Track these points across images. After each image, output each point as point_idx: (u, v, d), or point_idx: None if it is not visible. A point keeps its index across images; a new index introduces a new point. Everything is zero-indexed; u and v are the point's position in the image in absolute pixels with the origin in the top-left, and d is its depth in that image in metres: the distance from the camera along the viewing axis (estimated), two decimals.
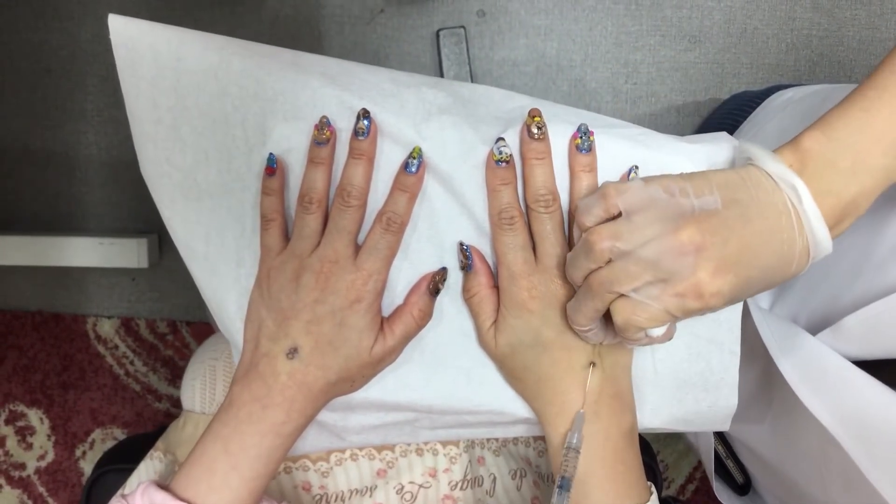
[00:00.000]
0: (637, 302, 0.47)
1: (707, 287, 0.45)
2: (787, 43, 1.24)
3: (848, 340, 0.59)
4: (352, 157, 0.56)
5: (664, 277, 0.46)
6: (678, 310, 0.47)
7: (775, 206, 0.47)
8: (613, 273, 0.48)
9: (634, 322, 0.48)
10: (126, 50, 0.57)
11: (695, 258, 0.45)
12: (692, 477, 1.34)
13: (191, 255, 0.60)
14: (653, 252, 0.46)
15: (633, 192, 0.49)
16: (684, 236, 0.46)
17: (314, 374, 0.55)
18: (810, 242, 0.48)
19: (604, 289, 0.49)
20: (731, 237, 0.46)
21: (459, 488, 0.68)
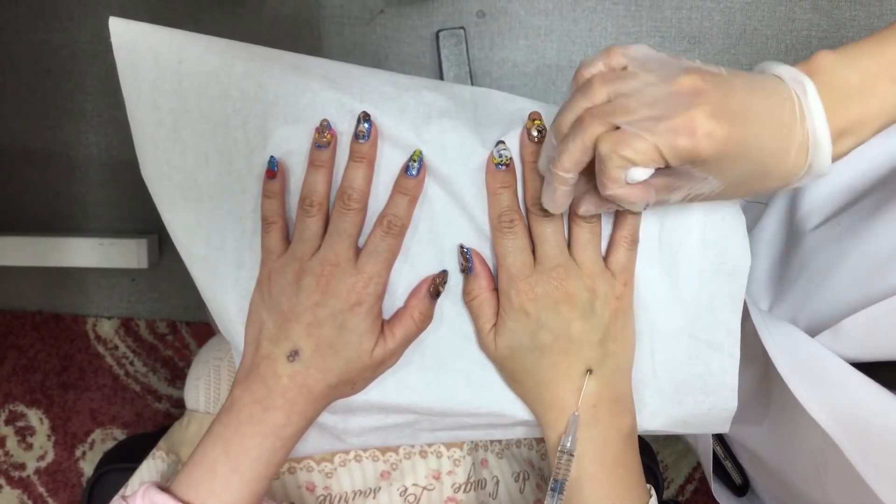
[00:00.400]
0: (628, 132, 0.45)
1: (701, 125, 0.44)
2: (786, 44, 1.24)
3: (847, 342, 0.59)
4: (352, 161, 0.56)
5: (659, 114, 0.45)
6: (667, 146, 0.45)
7: (780, 93, 0.47)
8: (609, 107, 0.46)
9: (621, 151, 0.45)
10: (127, 52, 0.57)
11: (693, 98, 0.44)
12: (691, 477, 1.34)
13: (191, 258, 0.60)
14: (652, 93, 0.45)
15: (639, 48, 0.48)
16: (686, 80, 0.45)
17: (315, 377, 0.55)
18: (810, 139, 0.47)
19: (597, 120, 0.47)
20: (732, 93, 0.45)
21: (463, 491, 0.68)
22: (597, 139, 0.46)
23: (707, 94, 0.45)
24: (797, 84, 0.47)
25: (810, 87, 0.47)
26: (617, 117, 0.46)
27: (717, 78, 0.46)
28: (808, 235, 0.71)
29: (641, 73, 0.46)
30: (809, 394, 0.61)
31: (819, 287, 0.65)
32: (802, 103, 0.46)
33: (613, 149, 0.45)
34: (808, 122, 0.46)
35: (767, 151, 0.47)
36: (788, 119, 0.46)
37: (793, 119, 0.46)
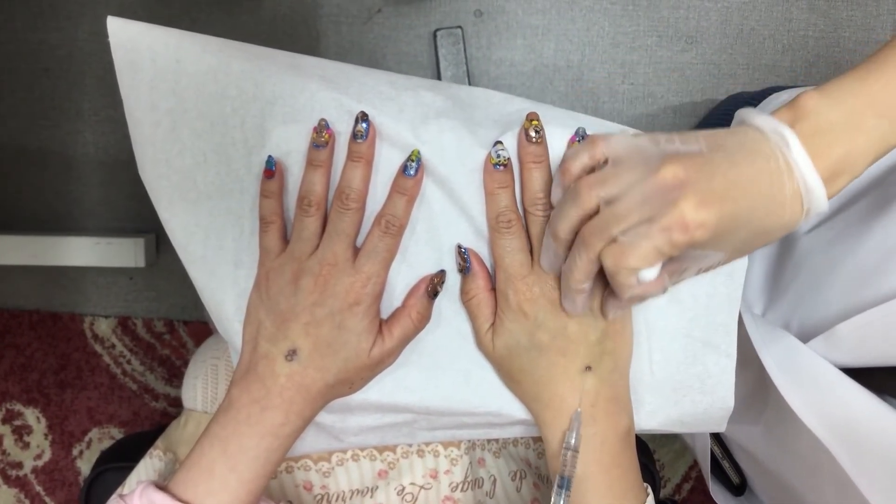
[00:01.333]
0: (626, 243, 0.47)
1: (691, 218, 0.45)
2: (783, 44, 1.24)
3: (839, 348, 0.59)
4: (350, 160, 0.56)
5: (650, 216, 0.46)
6: (666, 245, 0.46)
7: (763, 152, 0.47)
8: (602, 219, 0.48)
9: (625, 263, 0.47)
10: (125, 52, 0.57)
11: (678, 192, 0.45)
12: (688, 476, 1.35)
13: (189, 257, 0.60)
14: (638, 193, 0.46)
15: (619, 140, 0.49)
16: (667, 173, 0.45)
17: (313, 376, 0.55)
18: (801, 188, 0.47)
19: (595, 236, 0.48)
20: (715, 175, 0.46)
21: (460, 490, 0.68)
22: (600, 255, 0.48)
23: (690, 183, 0.45)
24: (778, 137, 0.47)
25: (792, 139, 0.47)
26: (612, 229, 0.47)
27: (696, 160, 0.46)
28: (803, 238, 0.71)
29: (623, 172, 0.47)
30: (802, 401, 0.61)
31: (812, 292, 0.65)
32: (787, 156, 0.47)
33: (618, 263, 0.47)
34: (796, 174, 0.47)
35: (762, 214, 0.47)
36: (776, 177, 0.47)
37: (780, 175, 0.47)
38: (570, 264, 0.51)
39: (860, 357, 0.58)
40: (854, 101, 0.48)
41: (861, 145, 0.48)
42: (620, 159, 0.48)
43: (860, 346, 0.57)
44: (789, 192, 0.47)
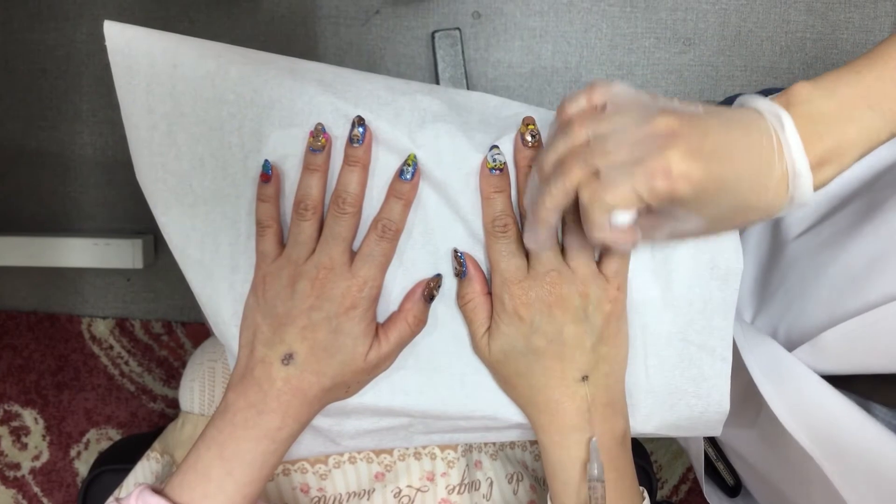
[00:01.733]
0: (607, 178, 0.47)
1: (676, 166, 0.45)
2: (781, 46, 1.24)
3: (825, 356, 0.59)
4: (347, 165, 0.56)
5: (637, 157, 0.46)
6: (646, 189, 0.46)
7: (757, 127, 0.47)
8: (588, 149, 0.48)
9: (602, 196, 0.47)
10: (122, 56, 0.57)
11: (668, 139, 0.45)
12: (685, 477, 1.35)
13: (186, 261, 0.60)
14: (630, 134, 0.46)
15: (620, 88, 0.49)
16: (661, 122, 0.46)
17: (309, 380, 0.56)
18: (790, 171, 0.47)
19: (576, 164, 0.48)
20: (707, 134, 0.46)
21: (457, 492, 0.68)
22: (578, 185, 0.48)
23: (682, 135, 0.45)
24: (774, 118, 0.47)
25: (787, 120, 0.47)
26: (596, 160, 0.47)
27: (692, 118, 0.46)
28: (791, 244, 0.71)
29: (619, 115, 0.47)
30: (788, 412, 0.61)
31: (799, 298, 0.65)
32: (780, 136, 0.47)
33: (594, 195, 0.47)
34: (786, 155, 0.47)
35: (747, 186, 0.47)
36: (766, 153, 0.47)
37: (771, 153, 0.47)
38: (544, 192, 0.50)
39: (846, 365, 0.58)
40: (847, 93, 0.48)
41: (851, 137, 0.48)
42: (618, 105, 0.48)
43: (845, 354, 0.57)
44: (777, 172, 0.47)
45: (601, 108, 0.49)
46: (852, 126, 0.48)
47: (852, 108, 0.48)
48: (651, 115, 0.46)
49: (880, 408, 0.59)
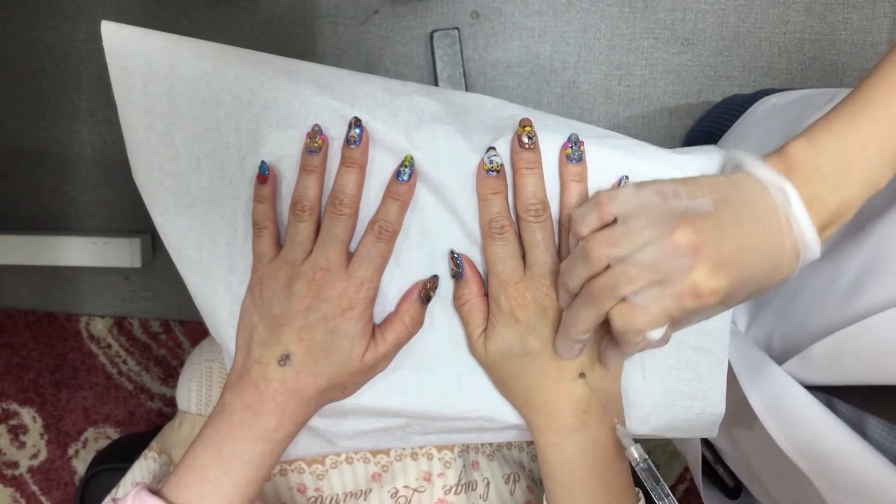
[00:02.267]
0: (636, 304, 0.48)
1: (704, 286, 0.46)
2: (779, 46, 1.24)
3: (813, 369, 0.59)
4: (344, 166, 0.56)
5: (662, 279, 0.47)
6: (677, 310, 0.47)
7: (765, 209, 0.48)
8: (613, 278, 0.48)
9: (634, 325, 0.48)
10: (119, 57, 0.57)
11: (691, 259, 0.46)
12: (683, 478, 1.35)
13: (183, 261, 0.60)
14: (650, 255, 0.47)
15: (626, 197, 0.49)
16: (680, 238, 0.46)
17: (306, 381, 0.56)
18: (800, 245, 0.48)
19: (604, 294, 0.49)
20: (724, 238, 0.46)
21: (453, 492, 0.68)
22: (609, 313, 0.49)
23: (703, 249, 0.46)
24: (779, 191, 0.48)
25: (793, 195, 0.48)
26: (623, 289, 0.48)
27: (706, 222, 0.47)
28: None
29: (634, 232, 0.48)
30: (776, 424, 0.61)
31: (790, 310, 0.66)
32: (788, 213, 0.48)
33: (627, 325, 0.48)
34: (795, 230, 0.48)
35: (765, 273, 0.48)
36: (777, 235, 0.48)
37: (780, 233, 0.48)
38: (575, 316, 0.52)
39: (834, 377, 0.58)
40: (843, 148, 0.49)
41: (853, 193, 0.49)
42: (629, 216, 0.49)
43: (832, 366, 0.57)
44: (789, 248, 0.48)
45: (613, 222, 0.50)
46: (853, 183, 0.49)
47: (851, 164, 0.49)
48: (666, 226, 0.47)
49: (875, 421, 0.58)
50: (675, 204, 0.48)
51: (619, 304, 0.49)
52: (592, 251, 0.49)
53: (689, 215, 0.47)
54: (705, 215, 0.47)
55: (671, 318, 0.48)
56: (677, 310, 0.47)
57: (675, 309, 0.47)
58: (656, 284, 0.47)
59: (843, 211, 0.50)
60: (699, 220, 0.47)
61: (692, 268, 0.46)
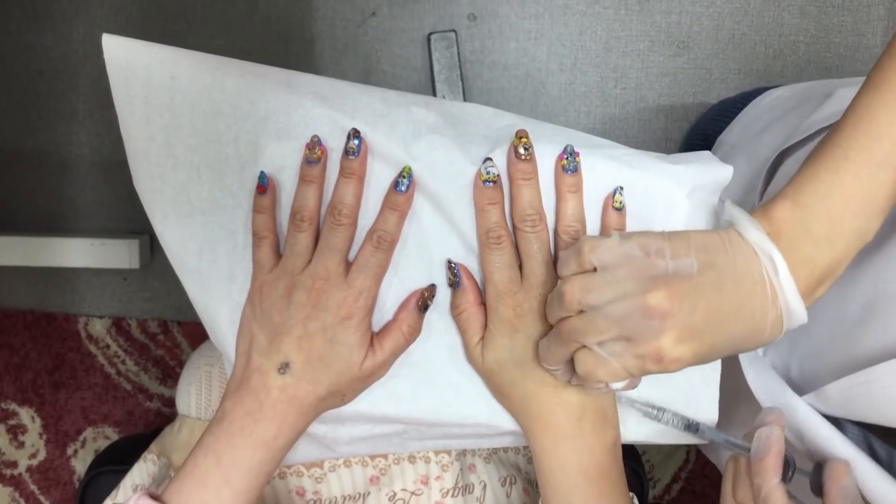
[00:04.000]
0: (599, 356, 0.49)
1: (668, 353, 0.47)
2: (774, 49, 1.25)
3: (832, 405, 0.59)
4: (342, 176, 0.57)
5: (628, 336, 0.47)
6: (637, 370, 0.48)
7: (751, 275, 0.48)
8: (582, 323, 0.49)
9: (594, 375, 0.50)
10: (120, 69, 0.58)
11: (660, 323, 0.46)
12: (678, 477, 1.36)
13: (183, 270, 0.61)
14: (620, 310, 0.47)
15: (608, 248, 0.50)
16: (652, 300, 0.47)
17: (305, 389, 0.56)
18: (784, 313, 0.48)
19: (570, 337, 0.50)
20: (699, 304, 0.47)
21: (451, 496, 0.69)
22: (574, 355, 0.51)
23: (673, 316, 0.47)
24: (766, 258, 0.48)
25: (780, 263, 0.48)
26: (588, 338, 0.49)
27: (684, 286, 0.47)
28: None
29: (608, 285, 0.48)
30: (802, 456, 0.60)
31: (805, 338, 0.64)
32: (773, 281, 0.48)
33: (587, 372, 0.50)
34: (780, 299, 0.48)
35: (741, 340, 0.49)
36: (760, 304, 0.48)
37: (765, 301, 0.48)
38: (545, 349, 0.54)
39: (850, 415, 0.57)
40: (831, 205, 0.49)
41: (841, 252, 0.49)
42: (608, 268, 0.49)
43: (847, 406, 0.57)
44: (771, 317, 0.48)
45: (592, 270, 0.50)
46: (842, 241, 0.49)
47: (839, 221, 0.49)
48: (642, 284, 0.47)
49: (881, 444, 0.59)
50: (657, 262, 0.48)
51: (583, 350, 0.50)
52: (565, 294, 0.50)
53: (668, 276, 0.47)
54: (685, 278, 0.47)
55: (631, 376, 0.49)
56: (637, 370, 0.48)
57: (635, 368, 0.48)
58: (622, 340, 0.48)
59: (835, 268, 0.50)
60: (677, 283, 0.47)
61: (660, 333, 0.46)
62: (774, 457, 0.51)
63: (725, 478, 0.57)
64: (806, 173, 0.51)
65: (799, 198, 0.50)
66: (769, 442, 0.51)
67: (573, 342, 0.50)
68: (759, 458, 0.51)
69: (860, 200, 0.49)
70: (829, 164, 0.50)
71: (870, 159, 0.48)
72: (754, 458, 0.52)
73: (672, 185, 0.58)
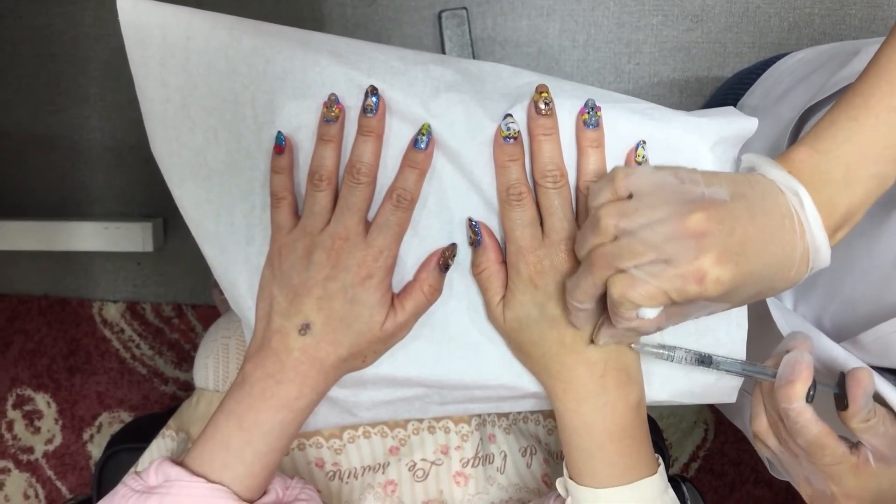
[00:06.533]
0: (636, 278, 0.47)
1: (709, 273, 0.46)
2: (789, 21, 1.24)
3: (867, 353, 0.58)
4: (361, 135, 0.56)
5: (667, 258, 0.46)
6: (676, 292, 0.47)
7: (779, 208, 0.48)
8: (617, 248, 0.48)
9: (630, 297, 0.48)
10: (135, 30, 0.57)
11: (700, 243, 0.46)
12: (696, 455, 1.35)
13: (201, 234, 0.60)
14: (659, 234, 0.46)
15: (643, 174, 0.49)
16: (691, 221, 0.46)
17: (326, 350, 0.56)
18: (810, 248, 0.48)
19: (605, 262, 0.49)
20: (736, 228, 0.46)
21: (471, 465, 0.69)
22: (607, 281, 0.49)
23: (713, 236, 0.46)
24: (793, 194, 0.48)
25: (806, 198, 0.48)
26: (624, 261, 0.47)
27: (720, 210, 0.46)
28: None
29: (647, 208, 0.47)
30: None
31: (837, 290, 0.64)
32: (801, 216, 0.48)
33: (623, 294, 0.48)
34: (807, 234, 0.48)
35: (773, 272, 0.48)
36: (789, 237, 0.48)
37: (793, 235, 0.48)
38: (574, 283, 0.52)
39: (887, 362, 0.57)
40: (850, 150, 0.49)
41: (860, 196, 0.49)
42: (643, 194, 0.48)
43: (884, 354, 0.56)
44: (799, 251, 0.48)
45: (627, 197, 0.49)
46: (860, 187, 0.49)
47: (858, 167, 0.49)
48: (680, 208, 0.47)
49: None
50: (692, 188, 0.48)
51: (619, 274, 0.48)
52: (601, 219, 0.49)
53: (704, 201, 0.47)
54: (720, 203, 0.47)
55: (669, 299, 0.47)
56: (676, 292, 0.47)
57: (674, 290, 0.47)
58: (660, 262, 0.46)
59: (854, 213, 0.49)
60: (714, 207, 0.46)
61: (700, 253, 0.46)
62: (803, 383, 0.51)
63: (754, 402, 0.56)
64: (826, 121, 0.50)
65: (818, 144, 0.50)
66: (799, 367, 0.51)
67: (605, 268, 0.48)
68: (787, 381, 0.51)
69: (880, 146, 0.49)
70: (849, 112, 0.49)
71: (890, 106, 0.48)
72: (780, 383, 0.51)
73: (696, 138, 0.57)
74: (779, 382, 0.52)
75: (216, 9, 0.59)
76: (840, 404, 0.52)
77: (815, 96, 0.69)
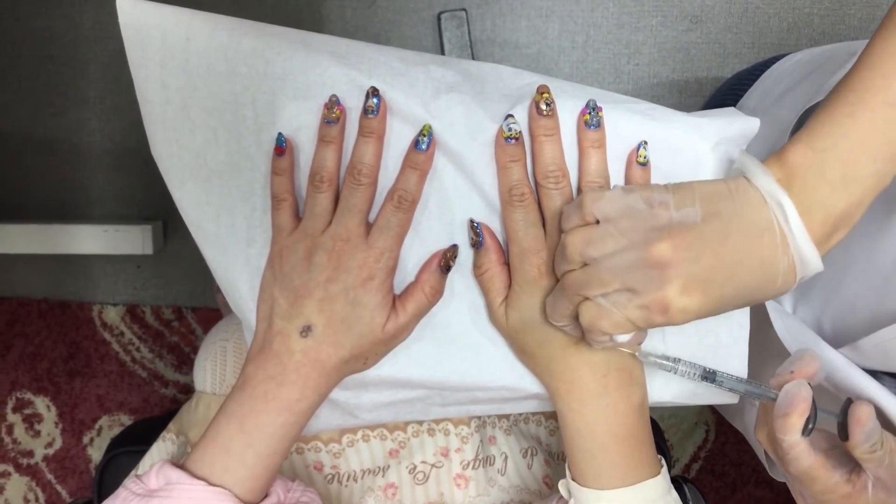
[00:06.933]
0: (603, 307, 0.48)
1: (673, 303, 0.46)
2: (788, 22, 1.24)
3: (867, 359, 0.58)
4: (362, 136, 0.56)
5: (632, 288, 0.47)
6: (641, 321, 0.47)
7: (758, 223, 0.47)
8: (585, 276, 0.49)
9: (598, 326, 0.49)
10: (134, 31, 0.57)
11: (663, 273, 0.46)
12: (697, 456, 1.35)
13: (202, 235, 0.60)
14: (623, 262, 0.47)
15: (611, 200, 0.49)
16: (656, 251, 0.46)
17: (327, 352, 0.56)
18: (796, 261, 0.47)
19: (573, 290, 0.50)
20: (704, 253, 0.46)
21: (471, 467, 0.68)
22: (577, 307, 0.50)
23: (678, 265, 0.46)
24: (775, 205, 0.47)
25: (790, 208, 0.47)
26: (591, 289, 0.48)
27: (688, 235, 0.46)
28: None
29: (610, 236, 0.48)
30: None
31: (836, 292, 0.64)
32: (783, 227, 0.47)
33: (591, 323, 0.49)
34: (791, 246, 0.47)
35: (749, 289, 0.48)
36: (769, 252, 0.47)
37: (774, 250, 0.47)
38: (552, 304, 0.53)
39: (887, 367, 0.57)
40: (846, 147, 0.47)
41: (858, 196, 0.48)
42: (611, 220, 0.48)
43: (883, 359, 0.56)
44: (783, 266, 0.47)
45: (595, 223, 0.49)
46: (859, 185, 0.47)
47: (855, 164, 0.47)
48: (644, 238, 0.46)
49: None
50: (660, 213, 0.47)
51: (587, 302, 0.49)
52: (567, 247, 0.50)
53: (672, 227, 0.46)
54: (690, 227, 0.46)
55: (635, 327, 0.48)
56: (643, 321, 0.47)
57: (640, 320, 0.47)
58: (626, 292, 0.47)
59: (852, 213, 0.48)
60: (681, 233, 0.46)
61: (663, 283, 0.46)
62: (798, 416, 0.50)
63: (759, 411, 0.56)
64: (820, 118, 0.49)
65: (813, 142, 0.48)
66: (797, 400, 0.50)
67: (575, 295, 0.50)
68: (784, 413, 0.50)
69: (877, 143, 0.47)
70: (844, 108, 0.48)
71: (886, 100, 0.47)
72: (777, 412, 0.51)
73: (697, 139, 0.57)
74: (776, 412, 0.51)
75: (216, 10, 0.59)
76: (842, 434, 0.51)
77: (814, 97, 0.69)
